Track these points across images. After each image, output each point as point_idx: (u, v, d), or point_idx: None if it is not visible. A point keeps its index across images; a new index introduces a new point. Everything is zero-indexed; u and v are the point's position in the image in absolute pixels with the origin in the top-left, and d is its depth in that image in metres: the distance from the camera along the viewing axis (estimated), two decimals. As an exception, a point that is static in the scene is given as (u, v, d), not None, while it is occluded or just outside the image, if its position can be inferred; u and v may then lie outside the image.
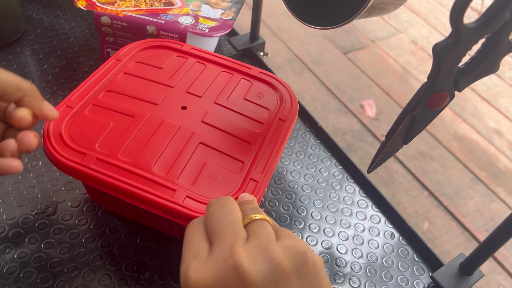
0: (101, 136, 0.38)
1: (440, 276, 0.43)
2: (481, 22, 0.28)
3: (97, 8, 0.55)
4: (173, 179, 0.36)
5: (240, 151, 0.39)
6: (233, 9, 0.59)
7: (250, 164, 0.38)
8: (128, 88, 0.43)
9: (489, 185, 1.31)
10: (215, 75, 0.47)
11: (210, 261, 0.24)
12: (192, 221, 0.28)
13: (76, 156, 0.36)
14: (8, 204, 0.44)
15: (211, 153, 0.39)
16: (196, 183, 0.36)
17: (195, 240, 0.26)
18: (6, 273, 0.39)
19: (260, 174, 0.38)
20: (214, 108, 0.43)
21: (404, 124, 0.35)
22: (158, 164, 0.37)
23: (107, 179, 0.35)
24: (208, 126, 0.41)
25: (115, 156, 0.37)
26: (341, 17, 0.35)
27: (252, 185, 0.37)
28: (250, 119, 0.43)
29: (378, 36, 1.83)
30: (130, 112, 0.40)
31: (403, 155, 1.36)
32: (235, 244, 0.24)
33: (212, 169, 0.37)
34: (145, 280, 0.40)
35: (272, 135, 0.41)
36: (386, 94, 1.57)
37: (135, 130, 0.39)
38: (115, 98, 0.42)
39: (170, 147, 0.38)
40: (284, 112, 0.44)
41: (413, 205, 1.24)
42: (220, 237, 0.25)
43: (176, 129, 0.40)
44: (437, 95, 0.32)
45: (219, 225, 0.26)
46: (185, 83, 0.45)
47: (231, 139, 0.40)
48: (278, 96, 0.46)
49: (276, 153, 0.40)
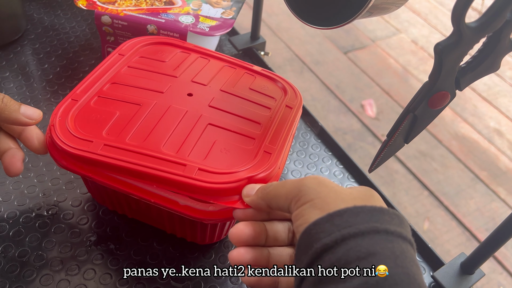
0: (107, 124, 0.38)
1: (441, 276, 0.43)
2: (482, 22, 0.28)
3: (97, 7, 0.55)
4: (184, 156, 0.35)
5: (250, 129, 0.39)
6: (233, 8, 0.59)
7: (261, 140, 0.38)
8: (133, 79, 0.43)
9: (489, 184, 1.31)
10: (218, 68, 0.47)
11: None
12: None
13: (83, 144, 0.36)
14: (9, 203, 0.45)
15: (220, 132, 0.38)
16: (207, 158, 0.36)
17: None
18: (7, 272, 0.39)
19: (273, 147, 0.37)
20: (220, 94, 0.43)
21: (405, 123, 0.35)
22: (167, 144, 0.36)
23: (116, 162, 0.34)
24: (216, 110, 0.41)
25: (123, 141, 0.36)
26: (342, 17, 0.35)
27: (266, 157, 0.36)
28: (257, 104, 0.43)
29: (378, 35, 1.83)
30: (135, 101, 0.40)
31: (403, 154, 1.36)
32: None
33: (223, 145, 0.37)
34: (146, 279, 0.40)
35: (280, 118, 0.41)
36: (387, 93, 1.57)
37: (142, 117, 0.39)
38: (120, 89, 0.42)
39: (178, 129, 0.38)
40: (290, 101, 0.44)
41: (414, 205, 1.24)
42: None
43: (183, 113, 0.40)
44: (438, 94, 0.32)
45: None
46: (189, 74, 0.45)
47: (240, 120, 0.40)
48: (281, 89, 0.46)
49: (287, 133, 0.39)
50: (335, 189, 0.28)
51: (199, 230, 0.40)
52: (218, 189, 0.33)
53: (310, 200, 0.27)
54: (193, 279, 0.41)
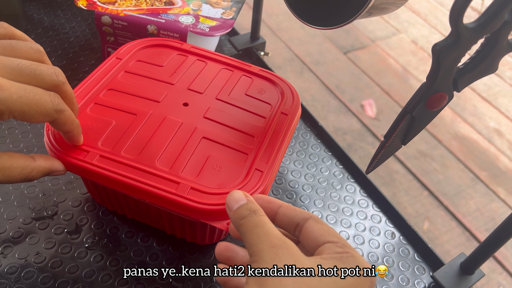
0: (103, 134, 0.38)
1: (441, 276, 0.43)
2: (480, 22, 0.28)
3: (97, 7, 0.55)
4: (177, 173, 0.36)
5: (243, 143, 0.39)
6: (233, 8, 0.59)
7: (254, 156, 0.38)
8: (129, 86, 0.43)
9: (489, 184, 1.31)
10: (215, 72, 0.47)
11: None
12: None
13: (79, 153, 0.36)
14: (8, 203, 0.45)
15: (214, 147, 0.39)
16: (200, 175, 0.36)
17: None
18: (7, 273, 0.39)
19: (265, 164, 0.38)
20: (215, 104, 0.43)
21: (403, 125, 0.35)
22: (161, 159, 0.37)
23: (111, 175, 0.35)
24: (211, 122, 0.41)
25: (118, 153, 0.37)
26: (342, 17, 0.35)
27: (258, 175, 0.37)
28: (252, 113, 0.43)
29: (378, 36, 1.83)
30: (132, 110, 0.41)
31: (403, 155, 1.36)
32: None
33: (216, 162, 0.37)
34: (146, 280, 0.40)
35: (274, 128, 0.41)
36: (386, 94, 1.57)
37: (137, 128, 0.39)
38: (117, 97, 0.42)
39: (172, 143, 0.38)
40: (286, 106, 0.44)
41: (414, 205, 1.24)
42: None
43: (178, 125, 0.40)
44: (436, 95, 0.32)
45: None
46: (186, 80, 0.45)
47: (234, 133, 0.40)
48: (279, 92, 0.46)
49: (280, 145, 0.40)
50: (303, 281, 0.23)
51: (198, 230, 0.41)
52: (209, 210, 0.34)
53: (259, 277, 0.23)
54: (193, 279, 0.41)
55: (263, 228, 0.26)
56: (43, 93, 0.30)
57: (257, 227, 0.26)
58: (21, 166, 0.32)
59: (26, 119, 0.29)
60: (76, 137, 0.35)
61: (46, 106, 0.30)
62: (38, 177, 0.34)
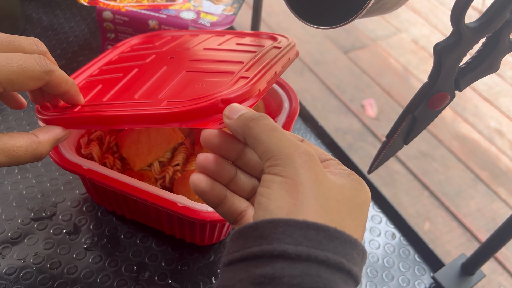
0: (89, 94, 0.37)
1: (442, 277, 0.43)
2: (481, 22, 0.28)
3: (99, 3, 0.55)
4: (155, 96, 0.34)
5: (230, 67, 0.37)
6: (234, 5, 0.59)
7: (243, 71, 0.35)
8: (121, 60, 0.44)
9: (490, 185, 1.31)
10: (206, 38, 0.46)
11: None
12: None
13: (61, 110, 0.35)
14: (7, 204, 0.44)
15: (198, 75, 0.36)
16: (181, 94, 0.34)
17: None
18: (5, 274, 0.39)
19: (250, 73, 0.33)
20: (204, 52, 0.42)
21: (404, 124, 0.35)
22: (141, 93, 0.36)
23: (89, 114, 0.33)
24: (197, 61, 0.40)
25: (100, 101, 0.36)
26: (342, 17, 0.35)
27: (243, 81, 0.32)
28: (242, 51, 0.40)
29: (378, 35, 1.82)
30: (118, 72, 0.40)
31: (404, 155, 1.35)
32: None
33: (200, 81, 0.35)
34: (145, 281, 0.40)
35: (264, 55, 0.38)
36: (387, 93, 1.56)
37: (121, 81, 0.38)
38: (107, 70, 0.42)
39: (154, 81, 0.37)
40: (279, 44, 0.40)
41: (414, 205, 1.23)
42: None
43: (162, 68, 0.39)
44: (437, 95, 0.32)
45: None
46: (175, 46, 0.45)
47: (221, 63, 0.38)
48: (271, 38, 0.44)
49: (269, 63, 0.36)
50: (320, 178, 0.24)
51: (198, 231, 0.40)
52: (187, 111, 0.31)
53: (285, 175, 0.23)
54: (192, 280, 0.41)
55: (283, 133, 0.25)
56: (27, 57, 0.29)
57: (275, 130, 0.24)
58: (25, 144, 0.30)
59: (17, 87, 0.29)
60: (75, 96, 0.34)
61: (33, 69, 0.29)
62: (46, 151, 0.32)
